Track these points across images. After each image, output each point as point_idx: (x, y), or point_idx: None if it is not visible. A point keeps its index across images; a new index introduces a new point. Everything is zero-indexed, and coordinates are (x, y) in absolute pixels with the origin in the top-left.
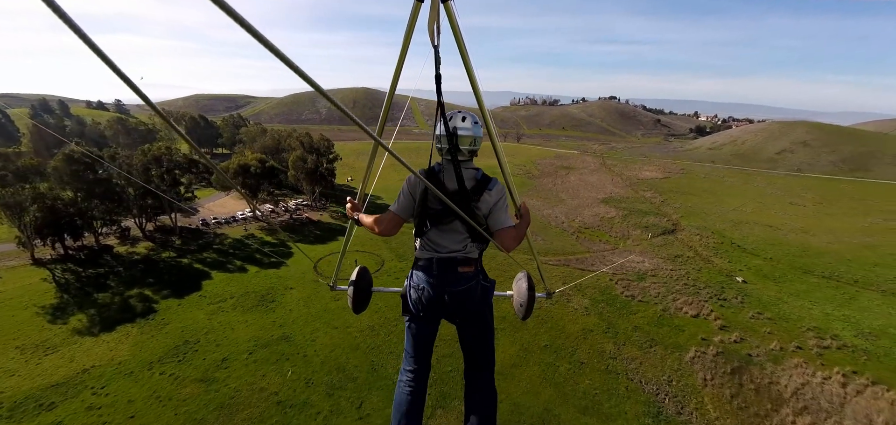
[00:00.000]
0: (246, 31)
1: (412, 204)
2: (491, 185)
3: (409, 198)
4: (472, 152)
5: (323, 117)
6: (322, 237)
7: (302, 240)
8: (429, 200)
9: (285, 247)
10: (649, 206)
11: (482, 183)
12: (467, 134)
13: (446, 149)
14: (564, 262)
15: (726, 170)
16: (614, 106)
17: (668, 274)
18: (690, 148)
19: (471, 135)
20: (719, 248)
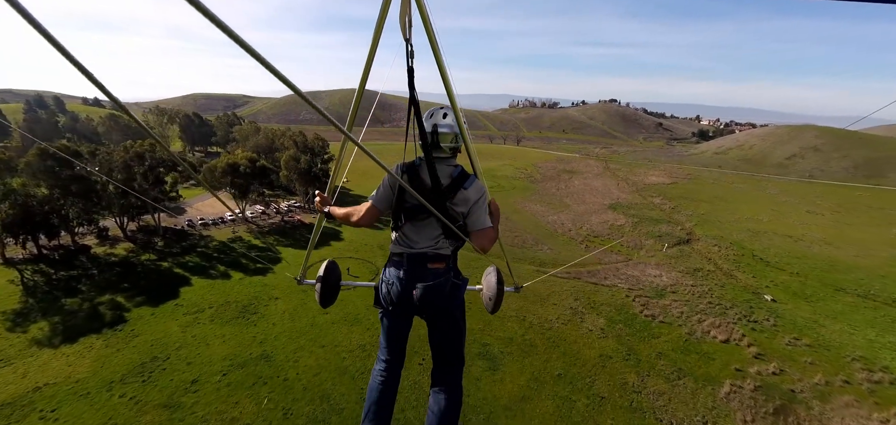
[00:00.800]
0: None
1: (391, 195)
2: (467, 183)
3: (388, 191)
4: (453, 149)
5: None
6: None
7: (292, 244)
8: (405, 195)
9: (273, 252)
10: (660, 213)
11: (458, 180)
12: (448, 131)
13: (436, 146)
14: (575, 275)
15: (735, 175)
16: (615, 109)
17: (689, 290)
18: (696, 152)
19: (452, 133)
20: (740, 261)
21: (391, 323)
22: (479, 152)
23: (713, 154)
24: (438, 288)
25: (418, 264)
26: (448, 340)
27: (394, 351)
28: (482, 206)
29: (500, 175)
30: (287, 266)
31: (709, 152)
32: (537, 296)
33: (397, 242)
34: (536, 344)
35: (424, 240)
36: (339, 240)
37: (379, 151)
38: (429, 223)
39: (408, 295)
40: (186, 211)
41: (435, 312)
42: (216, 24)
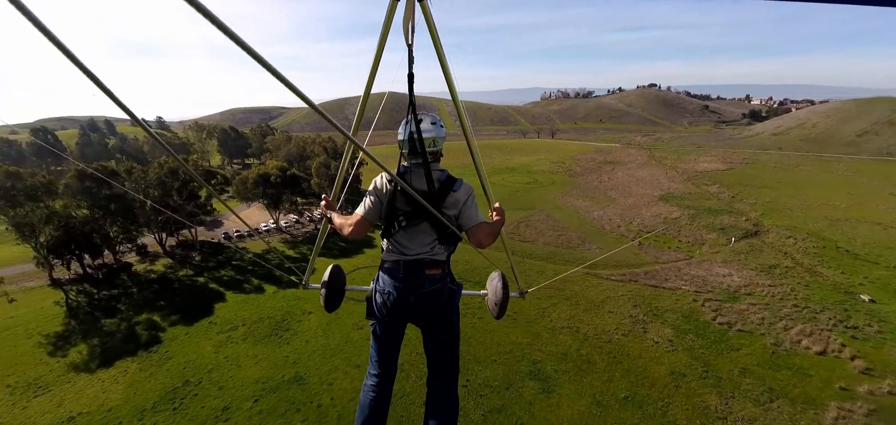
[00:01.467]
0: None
1: (379, 206)
2: (456, 186)
3: (376, 201)
4: (433, 154)
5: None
6: (346, 250)
7: (325, 253)
8: (397, 202)
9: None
10: (718, 203)
11: (447, 183)
12: (428, 135)
13: (409, 152)
14: (631, 277)
15: (799, 157)
16: (655, 94)
17: (767, 291)
18: (750, 135)
19: (431, 137)
20: (823, 255)
21: (385, 333)
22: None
23: (771, 135)
24: (437, 294)
25: (415, 271)
26: (445, 346)
27: (386, 363)
28: (472, 205)
29: (536, 170)
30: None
31: (765, 134)
32: (590, 302)
33: (391, 250)
34: (595, 361)
35: (419, 246)
36: (370, 245)
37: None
38: (422, 229)
39: (405, 303)
40: (224, 223)
41: (432, 319)
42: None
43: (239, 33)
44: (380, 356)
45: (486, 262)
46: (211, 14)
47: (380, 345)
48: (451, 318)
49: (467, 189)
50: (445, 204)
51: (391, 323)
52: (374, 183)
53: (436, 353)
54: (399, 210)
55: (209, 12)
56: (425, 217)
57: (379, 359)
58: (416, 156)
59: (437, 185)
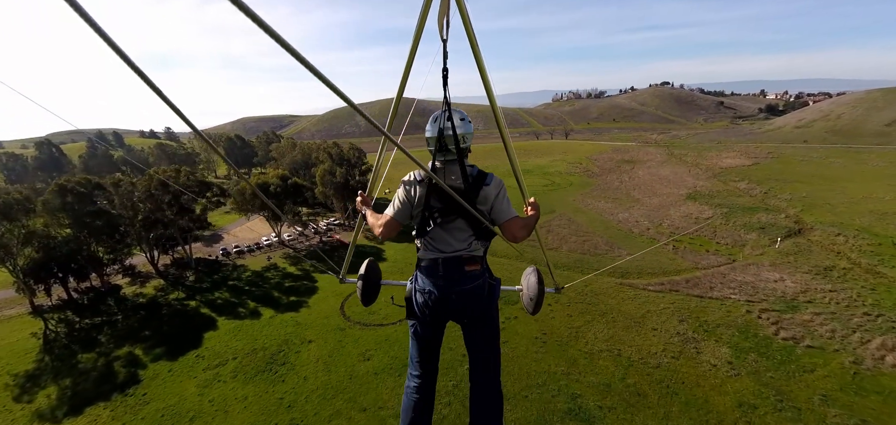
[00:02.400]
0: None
1: (409, 207)
2: (488, 180)
3: (405, 202)
4: (464, 150)
5: (362, 130)
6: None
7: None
8: (430, 200)
9: (310, 281)
10: (751, 200)
11: (479, 179)
12: (459, 131)
13: (438, 150)
14: (671, 287)
15: (826, 150)
16: (668, 92)
17: (828, 297)
18: (771, 129)
19: (462, 133)
20: (880, 253)
21: (425, 333)
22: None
23: (793, 128)
24: (478, 290)
25: (455, 268)
26: (486, 340)
27: (429, 364)
28: (504, 199)
29: (552, 171)
30: (323, 299)
31: (788, 127)
32: (629, 319)
33: (427, 248)
34: (645, 393)
35: (456, 243)
36: (381, 257)
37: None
38: (458, 225)
39: (447, 301)
40: (223, 237)
41: (475, 315)
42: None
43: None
44: (422, 356)
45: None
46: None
47: (421, 346)
48: (492, 314)
49: (498, 183)
50: (478, 199)
51: (432, 322)
52: (403, 182)
53: (478, 349)
54: (433, 208)
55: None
56: (460, 213)
57: (421, 360)
58: (444, 153)
59: (469, 180)
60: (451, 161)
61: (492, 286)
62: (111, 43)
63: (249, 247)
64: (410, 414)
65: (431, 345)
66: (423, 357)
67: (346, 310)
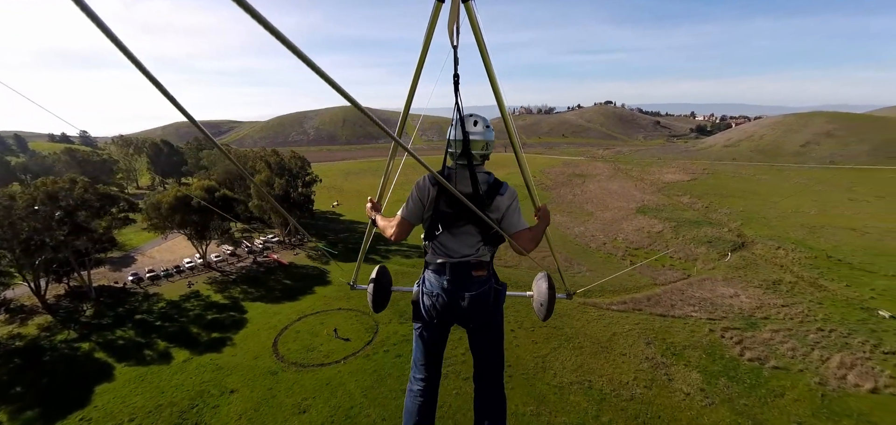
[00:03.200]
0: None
1: (421, 208)
2: (503, 189)
3: (418, 203)
4: (483, 156)
5: (311, 138)
6: (291, 290)
7: (264, 297)
8: (440, 204)
9: (238, 311)
10: (695, 214)
11: (494, 187)
12: (479, 138)
13: (459, 154)
14: (634, 306)
15: (754, 167)
16: (612, 110)
17: (782, 313)
18: (704, 147)
19: (483, 140)
20: (819, 266)
21: (431, 336)
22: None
23: (723, 147)
24: (484, 295)
25: (462, 272)
26: (492, 345)
27: (433, 366)
28: (516, 210)
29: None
30: (253, 334)
31: (718, 146)
32: (596, 344)
33: (435, 252)
34: None
35: (465, 248)
36: (324, 282)
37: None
38: (467, 230)
39: (454, 304)
40: (135, 260)
41: (481, 320)
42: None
43: (195, 46)
44: (426, 359)
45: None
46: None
47: (426, 349)
48: (498, 319)
49: (512, 194)
50: (491, 207)
51: (438, 325)
52: (417, 184)
53: (483, 352)
54: (443, 212)
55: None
56: (469, 219)
57: (425, 363)
58: (465, 157)
59: (484, 187)
60: (466, 165)
61: (498, 291)
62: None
63: (167, 271)
64: (416, 416)
65: (436, 348)
66: (428, 359)
67: (280, 347)
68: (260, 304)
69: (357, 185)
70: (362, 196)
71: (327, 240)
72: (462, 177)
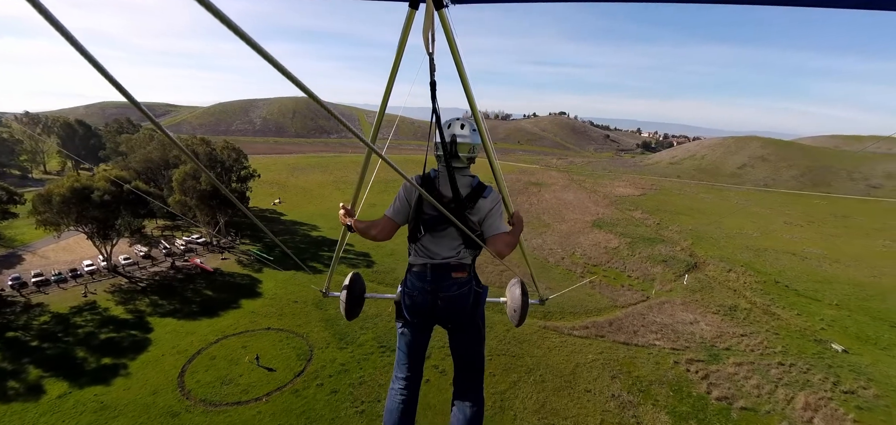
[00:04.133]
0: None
1: (407, 209)
2: (486, 192)
3: (404, 204)
4: (470, 159)
5: (257, 128)
6: (212, 303)
7: (176, 311)
8: (423, 207)
9: (142, 329)
10: (648, 230)
11: (477, 190)
12: (466, 141)
13: (445, 157)
14: (596, 332)
15: (696, 185)
16: (565, 121)
17: (742, 343)
18: (651, 163)
19: (469, 143)
20: (768, 291)
21: (412, 336)
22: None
23: (668, 164)
24: (463, 297)
25: (442, 274)
26: (471, 347)
27: (414, 366)
28: (497, 213)
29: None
30: (155, 360)
31: (663, 163)
32: (559, 377)
33: (417, 253)
34: None
35: (446, 250)
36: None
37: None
38: (448, 233)
39: (433, 305)
40: (23, 259)
41: (460, 321)
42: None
43: (137, 23)
44: (408, 359)
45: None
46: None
47: (408, 348)
48: (477, 320)
49: (495, 197)
50: (473, 210)
51: (419, 325)
52: (404, 185)
53: (463, 354)
54: (426, 215)
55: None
56: (451, 222)
57: (407, 363)
58: (454, 159)
59: (468, 191)
60: (455, 169)
61: (478, 293)
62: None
63: (60, 274)
64: (397, 414)
65: (418, 349)
66: (410, 360)
67: (188, 379)
68: (170, 321)
69: (303, 182)
70: (308, 193)
71: (263, 243)
72: (445, 180)
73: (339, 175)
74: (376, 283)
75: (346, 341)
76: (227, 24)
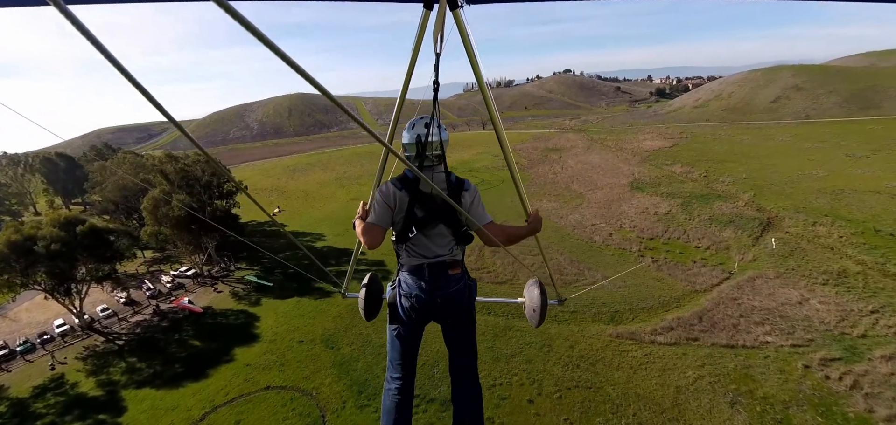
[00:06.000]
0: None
1: (389, 212)
2: (467, 185)
3: (384, 208)
4: (438, 157)
5: (255, 132)
6: (200, 357)
7: (156, 377)
8: (414, 207)
9: (113, 408)
10: (696, 187)
11: (457, 185)
12: (435, 139)
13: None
14: (686, 335)
15: (730, 127)
16: (572, 79)
17: (879, 324)
18: (673, 110)
19: (438, 141)
20: (874, 245)
21: (408, 336)
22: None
23: (692, 108)
24: (461, 292)
25: (439, 272)
26: (467, 338)
27: (409, 367)
28: (479, 204)
29: (478, 167)
30: None
31: (686, 107)
32: (660, 413)
33: (410, 254)
34: None
35: (439, 248)
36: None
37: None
38: (439, 231)
39: (432, 304)
40: None
41: (457, 316)
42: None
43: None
44: (403, 359)
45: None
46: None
47: (403, 349)
48: (472, 313)
49: (475, 190)
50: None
51: (415, 324)
52: (381, 190)
53: (459, 346)
54: (416, 214)
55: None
56: (441, 219)
57: (402, 363)
58: (421, 159)
59: (450, 187)
60: (429, 167)
61: (470, 287)
62: None
63: (27, 342)
64: (394, 413)
65: (413, 348)
66: (405, 359)
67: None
68: (148, 393)
69: (303, 184)
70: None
71: (261, 265)
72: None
73: (341, 171)
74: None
75: (366, 395)
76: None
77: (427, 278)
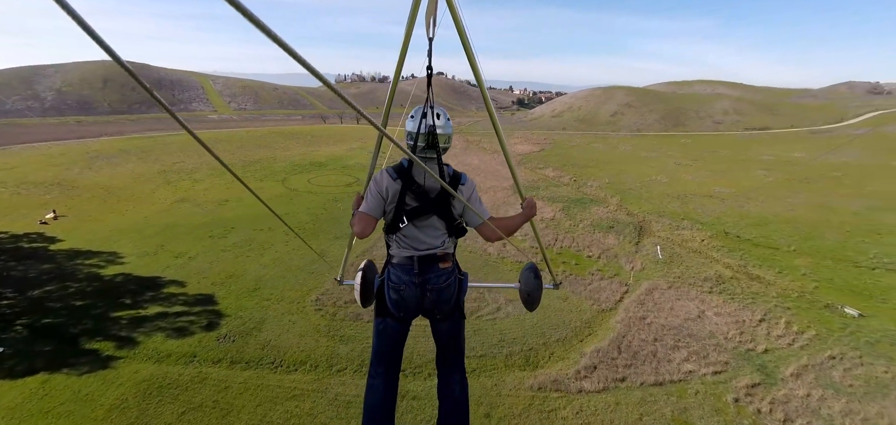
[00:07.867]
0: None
1: (382, 202)
2: (463, 180)
3: (377, 197)
4: (444, 150)
5: (48, 105)
6: None
7: None
8: (405, 198)
9: None
10: (569, 191)
11: (455, 178)
12: (443, 132)
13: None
14: (612, 375)
15: (584, 135)
16: (445, 81)
17: (772, 336)
18: (535, 117)
19: (446, 134)
20: (729, 246)
21: (395, 330)
22: (313, 135)
23: (550, 117)
24: (451, 287)
25: (430, 265)
26: (455, 332)
27: (393, 360)
28: (478, 199)
29: (353, 164)
30: None
31: (546, 116)
32: None
33: (400, 245)
34: None
35: (431, 240)
36: None
37: (150, 148)
38: (431, 223)
39: (422, 297)
40: None
41: (447, 310)
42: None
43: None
44: (389, 352)
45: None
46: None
47: (389, 342)
48: (462, 307)
49: (472, 184)
50: (454, 200)
51: (403, 319)
52: (375, 178)
53: (447, 340)
54: (408, 205)
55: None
56: (434, 211)
57: (387, 358)
58: (426, 151)
59: (447, 180)
60: (428, 159)
61: (461, 281)
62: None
63: None
64: (378, 410)
65: (400, 342)
66: (391, 354)
67: None
68: None
69: (105, 178)
70: (111, 196)
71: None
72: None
73: (169, 162)
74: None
75: None
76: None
77: (417, 271)
